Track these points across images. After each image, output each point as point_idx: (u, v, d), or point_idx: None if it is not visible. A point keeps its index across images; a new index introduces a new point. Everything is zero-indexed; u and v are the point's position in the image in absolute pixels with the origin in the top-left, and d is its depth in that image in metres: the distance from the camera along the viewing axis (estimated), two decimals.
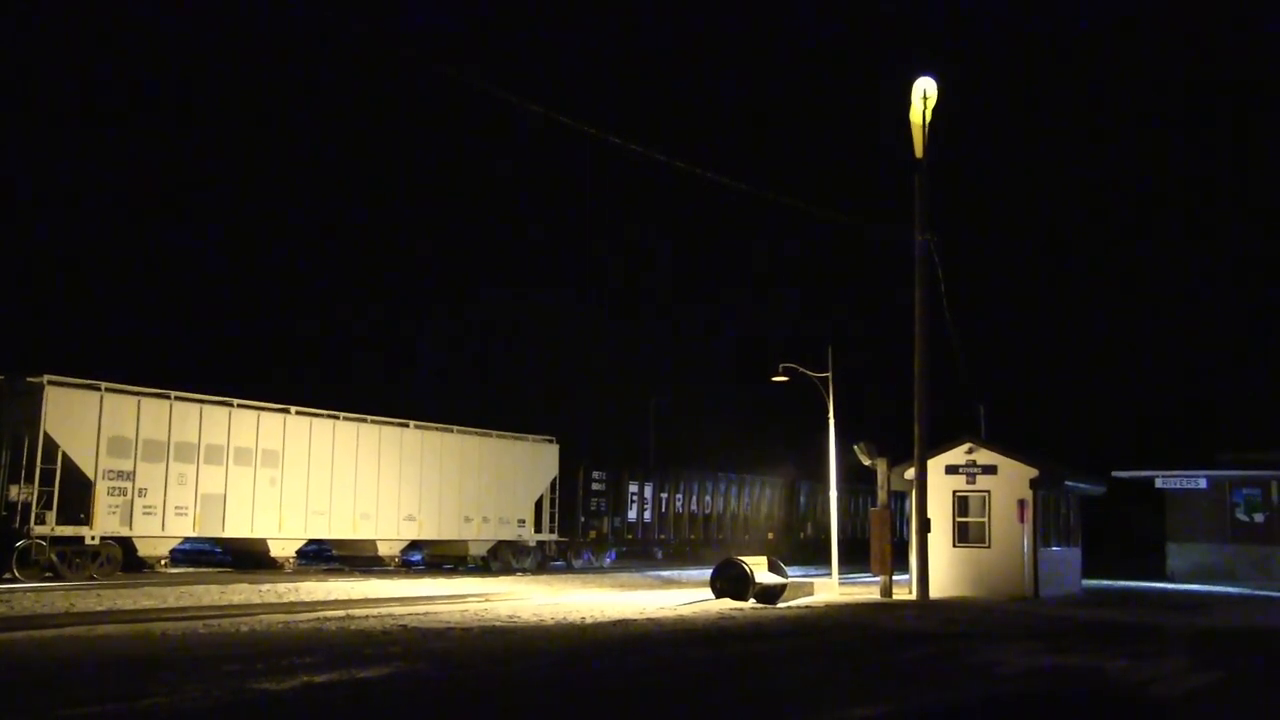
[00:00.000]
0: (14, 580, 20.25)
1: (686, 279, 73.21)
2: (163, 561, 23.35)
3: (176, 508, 22.94)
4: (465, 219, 71.12)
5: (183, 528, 23.25)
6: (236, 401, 24.64)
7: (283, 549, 25.50)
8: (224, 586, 20.44)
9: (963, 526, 22.56)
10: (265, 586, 20.81)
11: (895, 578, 22.02)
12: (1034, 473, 22.34)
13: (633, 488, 34.79)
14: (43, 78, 58.65)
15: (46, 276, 52.36)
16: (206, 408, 23.95)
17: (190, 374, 27.78)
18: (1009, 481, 22.34)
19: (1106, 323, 66.84)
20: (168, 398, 23.33)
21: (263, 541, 25.04)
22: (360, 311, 60.91)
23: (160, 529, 22.75)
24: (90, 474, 21.66)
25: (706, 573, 22.50)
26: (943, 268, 21.61)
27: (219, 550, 27.85)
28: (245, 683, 9.22)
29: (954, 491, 22.60)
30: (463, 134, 72.02)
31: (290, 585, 21.47)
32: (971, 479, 22.60)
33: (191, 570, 25.58)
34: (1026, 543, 22.15)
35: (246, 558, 25.79)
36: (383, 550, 27.77)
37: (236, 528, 24.21)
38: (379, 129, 70.44)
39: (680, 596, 21.12)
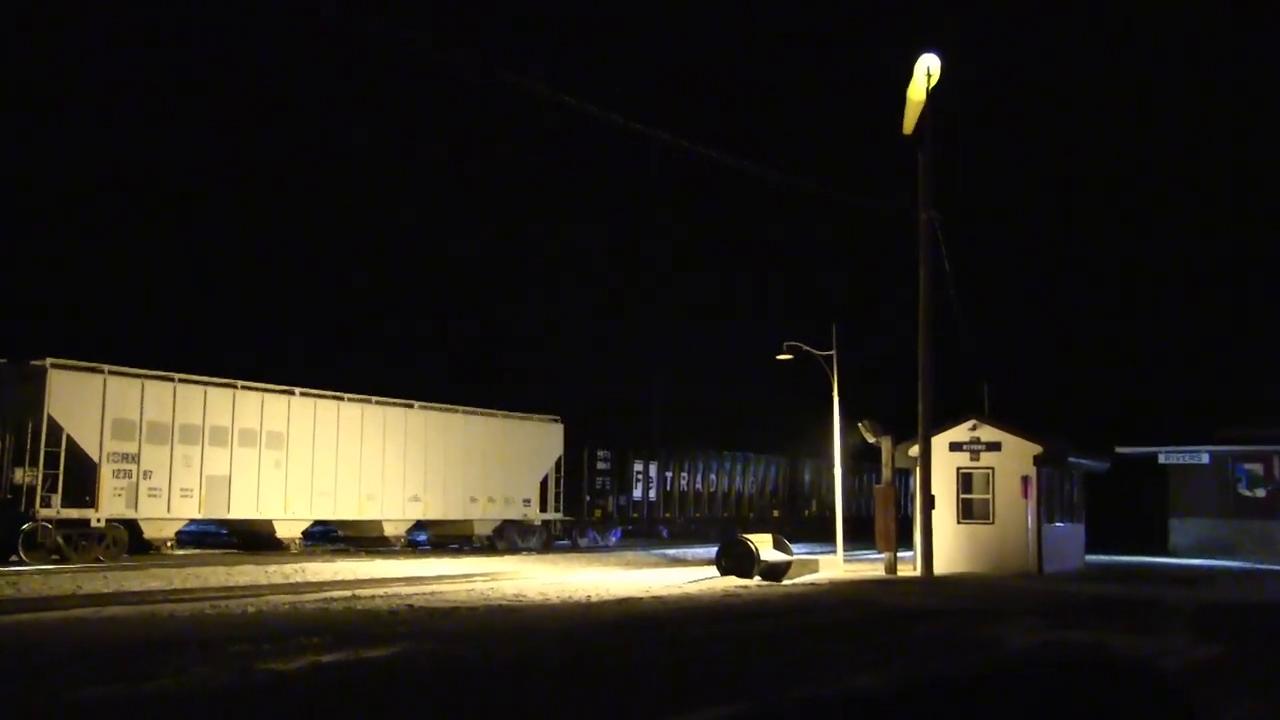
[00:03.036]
0: (21, 563, 20.33)
1: (690, 256, 73.02)
2: (168, 543, 23.43)
3: (181, 490, 23.01)
4: (467, 199, 71.00)
5: (188, 509, 23.32)
6: (240, 383, 24.66)
7: (288, 530, 25.58)
8: (230, 568, 20.51)
9: (967, 503, 22.57)
10: (271, 567, 20.88)
11: (900, 554, 22.06)
12: (1038, 449, 22.33)
13: (637, 466, 34.83)
14: (39, 59, 58.41)
15: (49, 259, 52.30)
16: (210, 390, 23.98)
17: (196, 357, 27.77)
18: (1013, 458, 22.33)
19: (1110, 299, 66.71)
20: (171, 380, 23.35)
21: (268, 523, 25.12)
22: (363, 293, 60.91)
23: (166, 511, 22.82)
24: (95, 456, 21.70)
25: (712, 550, 22.55)
26: (946, 245, 21.54)
27: (224, 532, 27.94)
28: (252, 663, 9.25)
29: (958, 468, 22.59)
30: (462, 112, 71.77)
31: (296, 566, 21.53)
32: (975, 456, 22.59)
33: (197, 552, 25.67)
34: (1030, 519, 22.16)
35: (252, 539, 25.88)
36: (388, 531, 27.84)
37: (242, 509, 24.28)
38: (377, 110, 70.17)
39: (686, 574, 21.16)
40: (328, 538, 30.19)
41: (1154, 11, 68.62)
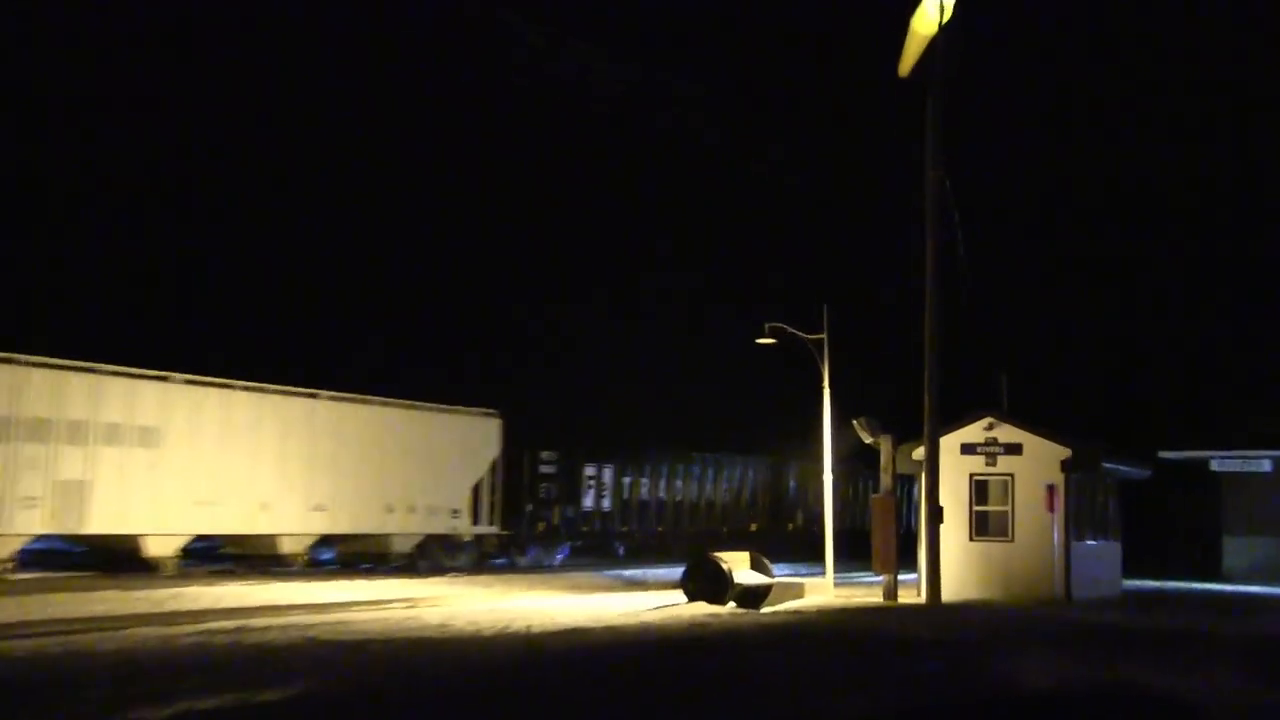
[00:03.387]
0: None
1: (656, 226, 72.82)
2: (6, 565, 22.93)
3: (23, 499, 22.51)
4: (417, 174, 70.77)
5: (31, 524, 22.79)
6: (107, 368, 24.24)
7: (161, 547, 25.20)
8: (86, 594, 20.23)
9: (981, 516, 22.77)
10: (139, 593, 20.63)
11: (901, 577, 22.25)
12: (1066, 452, 22.55)
13: (589, 471, 34.83)
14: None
15: (49, 256, 52.19)
16: (68, 375, 23.53)
17: (161, 356, 27.32)
18: (1036, 463, 22.55)
19: (1152, 277, 67.35)
20: (15, 363, 22.85)
21: (135, 539, 24.72)
22: (279, 273, 60.33)
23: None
24: None
25: (677, 571, 22.64)
26: (959, 210, 21.65)
27: (81, 550, 27.48)
28: (112, 712, 9.09)
29: (971, 475, 22.78)
30: (459, 106, 71.64)
31: (171, 591, 21.30)
32: (992, 460, 22.77)
33: (43, 575, 25.17)
34: (1056, 536, 22.40)
35: (115, 559, 25.45)
36: (286, 547, 27.61)
37: (102, 522, 23.86)
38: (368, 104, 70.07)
39: (645, 600, 21.24)
40: (211, 556, 29.87)
41: (1154, 11, 69.86)
